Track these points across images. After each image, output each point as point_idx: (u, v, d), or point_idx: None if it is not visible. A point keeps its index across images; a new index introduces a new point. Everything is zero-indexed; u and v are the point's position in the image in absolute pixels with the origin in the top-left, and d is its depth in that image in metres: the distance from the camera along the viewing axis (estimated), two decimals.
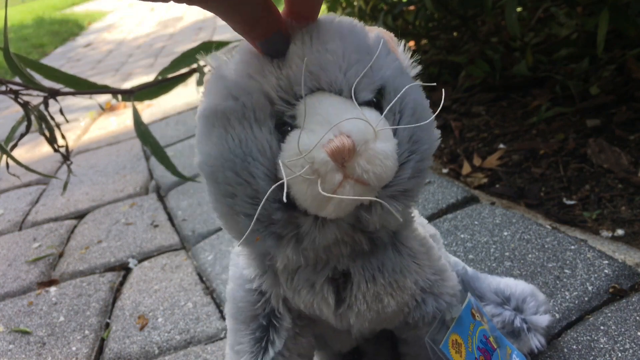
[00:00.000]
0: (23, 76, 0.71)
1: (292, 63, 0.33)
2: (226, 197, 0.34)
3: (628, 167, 0.90)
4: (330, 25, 0.35)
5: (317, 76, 0.33)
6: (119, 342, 0.77)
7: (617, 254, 0.69)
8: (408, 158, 0.35)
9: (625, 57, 1.08)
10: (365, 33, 0.36)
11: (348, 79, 0.33)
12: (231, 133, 0.33)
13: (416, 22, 1.49)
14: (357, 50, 0.34)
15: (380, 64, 0.35)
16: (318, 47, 0.33)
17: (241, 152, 0.33)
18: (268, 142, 0.33)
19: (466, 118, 1.25)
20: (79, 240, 1.11)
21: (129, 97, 0.81)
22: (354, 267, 0.39)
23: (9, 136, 0.72)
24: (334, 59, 0.33)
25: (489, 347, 0.47)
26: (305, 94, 0.33)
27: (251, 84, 0.33)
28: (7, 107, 2.53)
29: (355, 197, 0.32)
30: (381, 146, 0.32)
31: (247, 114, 0.33)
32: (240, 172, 0.33)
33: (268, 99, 0.33)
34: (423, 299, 0.44)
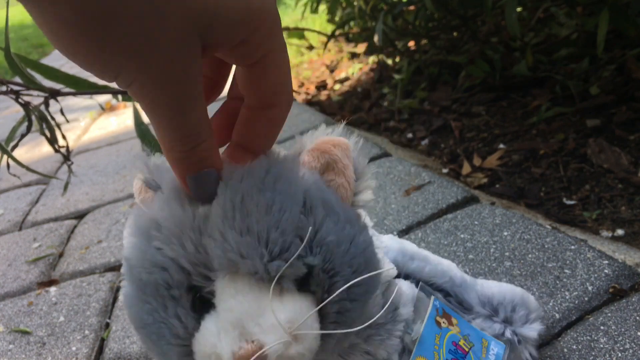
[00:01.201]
0: (24, 76, 0.71)
1: (212, 236, 0.30)
2: (149, 350, 0.35)
3: (628, 167, 0.90)
4: (257, 185, 0.31)
5: (235, 264, 0.30)
6: (119, 342, 0.77)
7: (617, 254, 0.69)
8: (332, 331, 0.32)
9: (625, 57, 1.08)
10: (299, 189, 0.32)
11: (269, 270, 0.30)
12: (146, 306, 0.32)
13: (416, 22, 1.49)
14: (283, 232, 0.30)
15: (309, 246, 0.31)
16: (240, 223, 0.30)
17: (156, 330, 0.32)
18: (183, 324, 0.31)
19: (466, 118, 1.25)
20: (79, 240, 1.11)
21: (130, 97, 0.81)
22: None
23: (10, 136, 0.72)
24: (255, 245, 0.30)
25: (459, 353, 0.45)
26: (223, 277, 0.31)
27: (167, 258, 0.31)
28: (7, 107, 2.53)
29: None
30: (297, 349, 0.30)
31: (161, 291, 0.31)
32: (157, 344, 0.33)
33: (185, 272, 0.31)
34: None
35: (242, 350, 0.29)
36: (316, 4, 1.91)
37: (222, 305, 0.31)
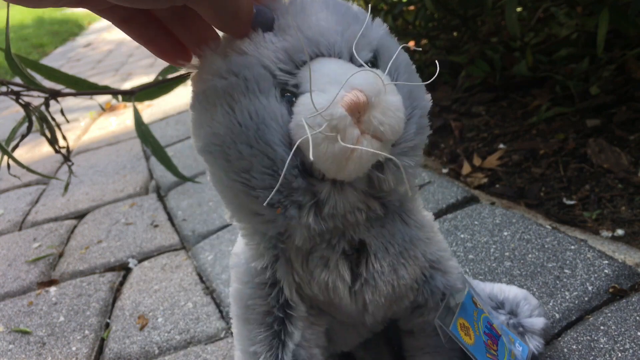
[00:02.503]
0: (24, 77, 0.71)
1: (286, 35, 0.33)
2: (241, 173, 0.33)
3: (628, 167, 0.90)
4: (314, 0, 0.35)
5: (316, 42, 0.33)
6: (119, 342, 0.77)
7: (617, 254, 0.69)
8: (412, 114, 0.36)
9: (625, 57, 1.08)
10: (349, 4, 0.37)
11: (347, 40, 0.34)
12: (238, 107, 0.33)
13: (416, 22, 1.49)
14: (346, 15, 0.35)
15: (370, 26, 0.36)
16: (309, 17, 0.34)
17: (253, 123, 0.32)
18: (278, 109, 0.33)
19: (466, 118, 1.25)
20: (79, 240, 1.11)
21: (130, 97, 0.81)
22: (369, 237, 0.40)
23: (10, 137, 0.72)
24: (329, 25, 0.34)
25: (494, 332, 0.47)
26: (305, 61, 0.33)
27: (248, 59, 0.33)
28: (7, 107, 2.53)
29: (374, 150, 0.33)
30: (392, 99, 0.33)
31: (250, 86, 0.32)
32: (254, 144, 0.32)
33: (269, 70, 0.33)
34: (431, 275, 0.45)
35: (346, 97, 0.31)
36: None
37: (313, 80, 0.32)
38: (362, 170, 0.34)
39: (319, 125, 0.31)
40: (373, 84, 0.32)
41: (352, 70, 0.32)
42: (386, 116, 0.32)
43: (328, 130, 0.31)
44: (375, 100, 0.32)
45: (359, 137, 0.32)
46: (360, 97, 0.31)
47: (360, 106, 0.31)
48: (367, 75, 0.32)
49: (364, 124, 0.32)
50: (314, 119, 0.31)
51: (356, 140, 0.32)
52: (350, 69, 0.32)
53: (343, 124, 0.31)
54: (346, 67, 0.33)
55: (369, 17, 0.35)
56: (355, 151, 0.32)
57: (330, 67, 0.33)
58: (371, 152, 0.32)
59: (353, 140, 0.31)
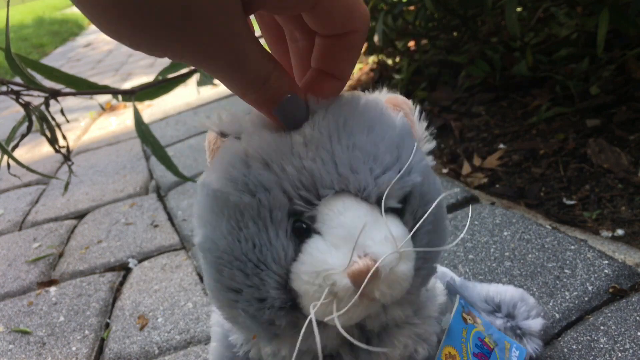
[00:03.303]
0: (24, 76, 0.71)
1: (317, 156, 0.30)
2: (229, 291, 0.32)
3: (628, 167, 0.90)
4: (355, 110, 0.32)
5: (346, 179, 0.30)
6: (119, 342, 0.77)
7: (617, 254, 0.69)
8: (422, 266, 0.33)
9: (625, 57, 1.08)
10: (392, 121, 0.33)
11: (379, 185, 0.30)
12: (244, 232, 0.30)
13: (416, 22, 1.49)
14: (388, 148, 0.31)
15: (410, 165, 0.32)
16: (346, 140, 0.30)
17: (254, 257, 0.30)
18: (284, 248, 0.30)
19: (466, 118, 1.25)
20: (79, 240, 1.11)
21: (130, 97, 0.81)
22: (343, 350, 0.37)
23: (10, 136, 0.72)
24: (365, 159, 0.30)
25: (485, 349, 0.46)
26: (327, 197, 0.30)
27: (269, 179, 0.30)
28: (7, 107, 2.53)
29: (367, 313, 0.31)
30: (403, 268, 0.30)
31: (263, 213, 0.30)
32: (250, 276, 0.30)
33: (287, 196, 0.30)
34: (415, 349, 0.41)
35: (355, 265, 0.28)
36: None
37: (329, 224, 0.30)
38: (351, 324, 0.32)
39: (319, 286, 0.29)
40: (389, 257, 0.29)
41: (374, 227, 0.29)
42: (391, 289, 0.30)
43: (327, 294, 0.29)
44: (386, 273, 0.29)
45: (355, 302, 0.29)
46: (370, 268, 0.28)
47: (367, 277, 0.28)
48: (386, 240, 0.29)
49: (365, 289, 0.29)
50: (317, 277, 0.29)
51: (352, 306, 0.29)
52: (373, 223, 0.29)
53: (343, 294, 0.29)
54: (368, 220, 0.30)
55: (411, 158, 0.32)
56: (348, 312, 0.29)
57: (352, 214, 0.30)
58: (364, 314, 0.30)
59: (347, 305, 0.29)
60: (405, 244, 0.30)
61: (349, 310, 0.29)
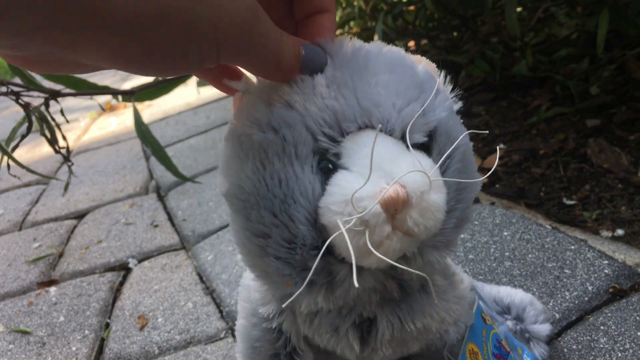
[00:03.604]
0: (24, 77, 0.71)
1: (339, 94, 0.30)
2: (257, 237, 0.31)
3: (628, 167, 0.90)
4: (379, 54, 0.32)
5: (368, 113, 0.30)
6: (119, 342, 0.77)
7: (617, 254, 0.69)
8: (454, 207, 0.32)
9: (625, 57, 1.08)
10: (415, 66, 0.33)
11: (403, 118, 0.30)
12: (269, 169, 0.30)
13: (416, 22, 1.49)
14: (410, 86, 0.31)
15: (433, 103, 0.32)
16: (368, 78, 0.30)
17: (281, 193, 0.30)
18: (311, 183, 0.30)
19: (466, 118, 1.24)
20: (79, 240, 1.11)
21: (130, 97, 0.81)
22: (381, 314, 0.37)
23: (10, 137, 0.72)
24: (387, 95, 0.30)
25: (502, 351, 0.46)
26: (351, 131, 0.30)
27: (292, 116, 0.30)
28: (7, 107, 2.53)
29: (402, 250, 0.30)
30: (434, 198, 0.29)
31: (287, 149, 0.30)
32: (278, 214, 0.30)
33: (311, 133, 0.30)
34: (445, 330, 0.42)
35: (385, 192, 0.28)
36: None
37: (355, 156, 0.29)
38: (386, 263, 0.31)
39: (349, 215, 0.28)
40: (418, 181, 0.28)
41: (401, 156, 0.29)
42: (424, 217, 0.29)
43: (358, 223, 0.28)
44: (417, 200, 0.28)
45: (389, 233, 0.29)
46: (400, 194, 0.27)
47: (398, 204, 0.28)
48: (413, 167, 0.29)
49: (397, 221, 0.28)
50: (347, 206, 0.28)
51: (385, 237, 0.29)
52: (399, 153, 0.29)
53: (375, 221, 0.28)
54: (395, 150, 0.30)
55: (434, 93, 0.32)
56: (382, 247, 0.29)
57: (378, 147, 0.29)
58: (398, 249, 0.30)
59: (382, 237, 0.29)
60: (434, 173, 0.30)
61: (383, 243, 0.29)
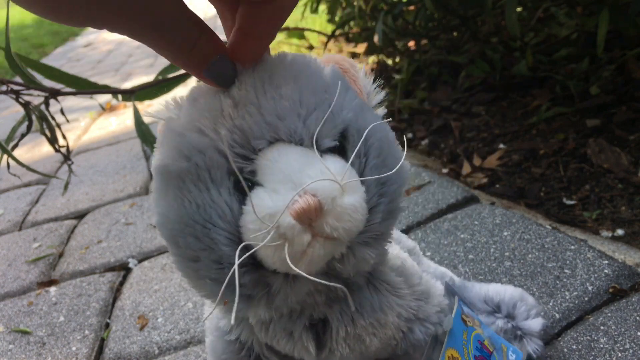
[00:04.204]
0: (24, 76, 0.71)
1: (245, 113, 0.31)
2: (189, 261, 0.32)
3: (628, 167, 0.90)
4: (281, 65, 0.33)
5: (275, 127, 0.31)
6: (119, 342, 0.77)
7: (617, 254, 0.69)
8: (378, 202, 0.33)
9: (625, 57, 1.08)
10: (320, 70, 0.34)
11: (308, 127, 0.31)
12: (187, 197, 0.31)
13: (416, 22, 1.49)
14: (314, 92, 0.32)
15: (340, 104, 0.33)
16: (272, 92, 0.31)
17: (200, 218, 0.31)
18: (228, 204, 0.31)
19: (466, 118, 1.25)
20: (79, 240, 1.11)
21: (130, 97, 0.81)
22: (331, 314, 0.38)
23: (10, 136, 0.72)
24: (291, 106, 0.31)
25: (484, 352, 0.46)
26: (262, 148, 0.31)
27: (203, 141, 0.31)
28: (7, 107, 2.53)
29: (328, 254, 0.31)
30: (349, 200, 0.30)
31: (201, 175, 0.31)
32: (201, 238, 0.31)
33: (223, 156, 0.31)
34: (409, 328, 0.42)
35: (296, 204, 0.28)
36: (316, 4, 1.91)
37: (267, 172, 0.30)
38: (316, 268, 0.32)
39: (267, 232, 0.29)
40: (328, 188, 0.29)
41: (311, 165, 0.30)
42: (341, 221, 0.30)
43: (276, 237, 0.29)
44: (330, 205, 0.29)
45: (310, 241, 0.29)
46: (312, 203, 0.28)
47: (311, 213, 0.28)
48: (323, 176, 0.29)
49: (316, 228, 0.29)
50: (262, 223, 0.29)
51: (307, 245, 0.29)
52: (309, 163, 0.30)
53: (291, 233, 0.29)
54: (304, 160, 0.30)
55: (337, 96, 0.32)
56: (306, 255, 0.30)
57: (288, 159, 0.30)
58: (322, 254, 0.30)
59: (303, 246, 0.29)
60: (346, 176, 0.30)
61: (306, 251, 0.30)
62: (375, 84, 0.37)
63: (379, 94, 0.37)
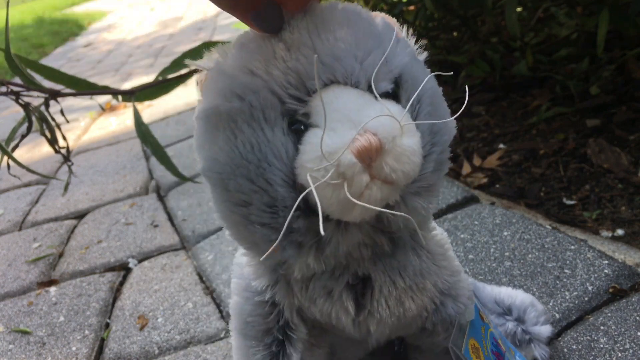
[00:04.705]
0: (24, 77, 0.71)
1: (300, 54, 0.30)
2: (239, 206, 0.32)
3: (628, 167, 0.90)
4: (334, 11, 0.32)
5: (331, 68, 0.30)
6: (119, 342, 0.77)
7: (617, 254, 0.69)
8: (430, 151, 0.33)
9: (625, 57, 1.08)
10: (373, 18, 0.34)
11: (365, 69, 0.31)
12: (240, 137, 0.30)
13: (416, 22, 1.49)
14: (369, 37, 0.32)
15: (394, 50, 0.32)
16: (327, 35, 0.31)
17: (255, 158, 0.30)
18: (283, 144, 0.30)
19: (466, 118, 1.25)
20: (79, 240, 1.11)
21: (130, 97, 0.81)
22: (375, 271, 0.38)
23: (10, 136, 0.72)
24: (348, 48, 0.31)
25: (499, 349, 0.47)
26: (319, 89, 0.30)
27: (256, 82, 0.30)
28: (7, 107, 2.53)
29: (384, 199, 0.30)
30: (408, 142, 0.30)
31: (255, 114, 0.30)
32: (255, 179, 0.30)
33: (277, 96, 0.30)
34: (442, 302, 0.42)
35: (357, 142, 0.28)
36: None
37: (325, 111, 0.29)
38: (370, 214, 0.31)
39: (325, 170, 0.28)
40: (388, 127, 0.29)
41: (369, 106, 0.30)
42: (400, 162, 0.29)
43: (335, 176, 0.28)
44: (390, 145, 0.29)
45: (368, 183, 0.29)
46: (373, 142, 0.28)
47: (372, 152, 0.28)
48: (382, 114, 0.29)
49: (374, 169, 0.29)
50: (321, 161, 0.28)
51: (365, 187, 0.29)
52: (367, 103, 0.30)
53: (351, 171, 0.28)
54: (362, 101, 0.30)
55: (393, 41, 0.32)
56: (363, 197, 0.29)
57: (345, 100, 0.30)
58: (379, 197, 0.30)
59: (361, 187, 0.29)
60: (404, 118, 0.30)
61: (364, 193, 0.29)
62: (418, 44, 0.37)
63: (421, 54, 0.36)
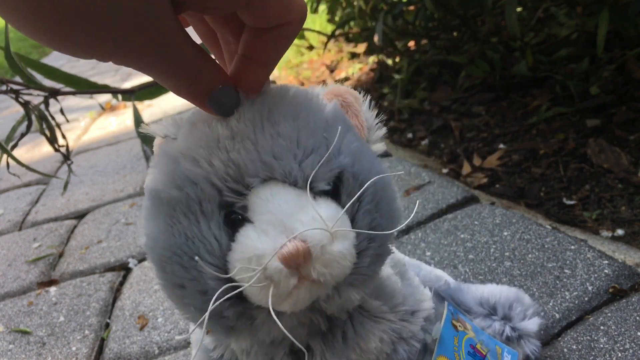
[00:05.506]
0: (24, 76, 0.71)
1: (242, 147, 0.31)
2: (175, 288, 0.32)
3: (628, 167, 0.90)
4: (282, 100, 0.33)
5: (270, 167, 0.31)
6: (119, 342, 0.77)
7: (617, 254, 0.69)
8: (367, 246, 0.33)
9: (625, 57, 1.08)
10: (321, 108, 0.34)
11: (303, 169, 0.31)
12: (177, 227, 0.31)
13: (416, 22, 1.49)
14: (312, 133, 0.32)
15: (338, 148, 0.32)
16: (270, 129, 0.31)
17: (188, 250, 0.31)
18: (217, 238, 0.31)
19: (466, 118, 1.25)
20: (79, 240, 1.11)
21: (130, 96, 0.81)
22: (314, 343, 0.37)
23: (10, 136, 0.72)
24: (288, 146, 0.31)
25: (477, 356, 0.46)
26: (255, 185, 0.31)
27: (197, 172, 0.31)
28: (7, 107, 2.53)
29: (313, 297, 0.31)
30: (338, 247, 0.30)
31: (192, 206, 0.31)
32: (188, 269, 0.31)
33: (216, 189, 0.31)
34: (393, 349, 0.40)
35: (285, 248, 0.28)
36: (316, 4, 1.91)
37: (258, 211, 0.30)
38: (300, 308, 0.32)
39: (254, 271, 0.29)
40: (318, 234, 0.29)
41: (303, 209, 0.30)
42: (328, 267, 0.30)
43: (262, 279, 0.29)
44: (318, 252, 0.29)
45: (296, 285, 0.29)
46: (300, 249, 0.28)
47: (299, 259, 0.28)
48: (314, 221, 0.29)
49: (303, 271, 0.29)
50: (250, 263, 0.29)
51: (292, 288, 0.30)
52: (301, 207, 0.30)
53: (278, 276, 0.29)
54: (296, 204, 0.30)
55: (337, 137, 0.32)
56: (291, 296, 0.30)
57: (279, 201, 0.30)
58: (308, 297, 0.30)
59: (288, 289, 0.29)
60: (337, 223, 0.30)
61: (292, 293, 0.30)
62: (377, 119, 0.37)
63: (380, 129, 0.37)
